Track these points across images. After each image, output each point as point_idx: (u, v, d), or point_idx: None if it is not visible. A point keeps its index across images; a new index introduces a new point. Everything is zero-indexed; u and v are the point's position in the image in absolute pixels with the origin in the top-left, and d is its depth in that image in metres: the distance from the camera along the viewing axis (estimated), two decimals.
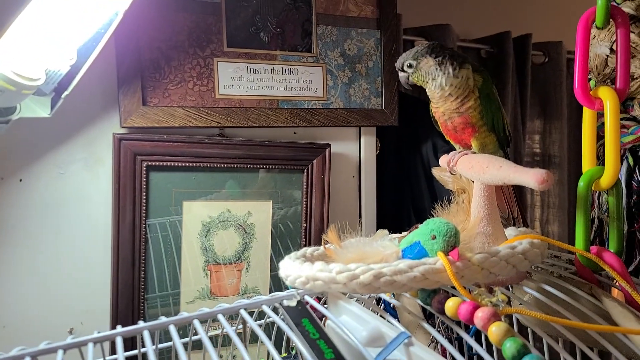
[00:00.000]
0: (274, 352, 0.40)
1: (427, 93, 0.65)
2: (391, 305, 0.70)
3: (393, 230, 0.62)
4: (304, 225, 1.00)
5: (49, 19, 0.65)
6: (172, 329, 0.48)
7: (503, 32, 1.35)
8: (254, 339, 0.89)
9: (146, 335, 0.46)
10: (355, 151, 1.08)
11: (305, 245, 0.99)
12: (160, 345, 0.55)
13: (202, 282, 0.94)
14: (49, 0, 0.61)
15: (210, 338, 0.46)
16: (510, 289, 0.68)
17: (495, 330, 0.41)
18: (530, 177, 0.48)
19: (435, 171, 0.69)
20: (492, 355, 0.53)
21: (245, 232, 0.96)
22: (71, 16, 0.68)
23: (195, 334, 0.48)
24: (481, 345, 0.43)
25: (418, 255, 0.50)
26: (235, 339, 0.42)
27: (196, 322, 0.49)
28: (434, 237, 0.49)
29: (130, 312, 0.87)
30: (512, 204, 0.70)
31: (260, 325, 0.57)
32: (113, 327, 0.85)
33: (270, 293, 0.76)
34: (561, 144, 1.52)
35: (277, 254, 0.99)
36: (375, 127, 1.08)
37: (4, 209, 0.83)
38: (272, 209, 0.98)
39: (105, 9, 0.69)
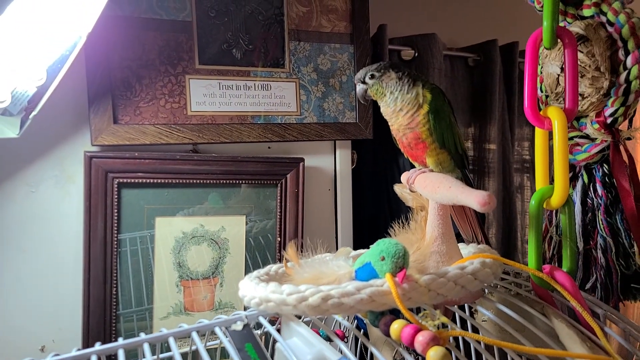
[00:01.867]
0: None
1: (381, 109, 0.66)
2: (364, 321, 0.71)
3: (371, 242, 0.63)
4: (278, 239, 1.00)
5: (13, 43, 0.66)
6: (146, 347, 0.49)
7: (489, 40, 1.36)
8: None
9: (120, 353, 0.47)
10: (331, 165, 1.09)
11: (279, 260, 1.00)
12: None
13: (176, 298, 0.94)
14: (12, 25, 0.62)
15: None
16: (470, 309, 0.68)
17: (432, 355, 0.41)
18: (473, 199, 0.48)
19: (397, 188, 0.69)
20: None
21: (219, 247, 0.97)
22: (36, 39, 0.68)
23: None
24: None
25: (369, 276, 0.51)
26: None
27: (171, 340, 0.49)
28: (383, 259, 0.49)
29: (102, 328, 0.88)
30: (476, 228, 0.71)
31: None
32: (85, 344, 0.86)
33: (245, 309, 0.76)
34: (551, 150, 1.52)
35: (252, 269, 0.99)
36: (351, 141, 1.09)
37: None
38: (246, 224, 0.99)
39: (69, 33, 0.69)
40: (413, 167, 1.13)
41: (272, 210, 1.00)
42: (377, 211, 1.19)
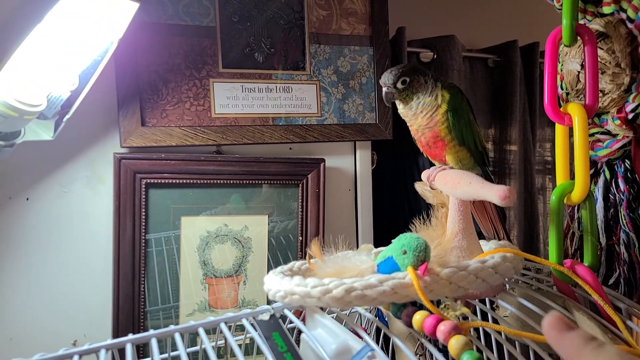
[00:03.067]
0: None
1: (401, 111, 0.66)
2: (384, 317, 0.72)
3: (391, 242, 0.64)
4: (300, 238, 1.02)
5: (49, 49, 0.69)
6: (178, 337, 0.51)
7: (510, 41, 1.35)
8: (260, 350, 0.91)
9: (153, 342, 0.49)
10: (351, 165, 1.10)
11: (301, 258, 1.02)
12: (162, 356, 0.58)
13: (201, 295, 0.96)
14: (49, 31, 0.66)
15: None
16: (491, 304, 0.69)
17: (454, 344, 0.42)
18: (493, 193, 0.49)
19: (417, 185, 0.70)
20: None
21: (243, 246, 0.99)
22: (71, 45, 0.72)
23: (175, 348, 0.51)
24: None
25: (391, 269, 0.52)
26: (237, 350, 0.44)
27: (201, 331, 0.52)
28: (405, 252, 0.51)
29: (131, 324, 0.90)
30: (497, 225, 0.71)
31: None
32: (115, 338, 0.89)
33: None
34: (572, 151, 1.51)
35: (276, 267, 1.01)
36: (371, 141, 1.11)
37: (12, 226, 0.87)
38: (268, 223, 1.01)
39: (101, 39, 0.73)
40: (432, 166, 1.14)
41: (293, 210, 1.02)
42: (396, 211, 1.20)
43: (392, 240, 0.54)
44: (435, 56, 1.23)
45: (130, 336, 0.51)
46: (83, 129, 0.90)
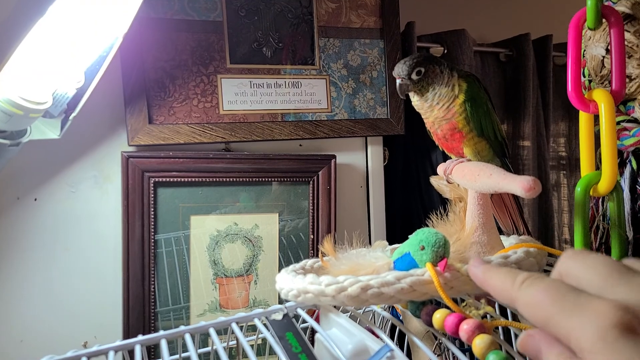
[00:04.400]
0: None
1: (415, 103, 0.64)
2: (400, 317, 0.70)
3: (405, 239, 0.61)
4: (311, 236, 1.00)
5: (53, 44, 0.68)
6: (188, 338, 0.49)
7: (522, 34, 1.33)
8: (272, 351, 0.89)
9: (163, 343, 0.47)
10: (363, 161, 1.08)
11: (313, 257, 0.99)
12: (173, 357, 0.56)
13: (212, 295, 0.95)
14: (52, 25, 0.64)
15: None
16: None
17: (478, 343, 0.40)
18: (517, 185, 0.47)
19: (433, 180, 0.68)
20: None
21: (253, 245, 0.97)
22: (75, 41, 0.70)
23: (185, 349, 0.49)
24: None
25: (408, 266, 0.50)
26: (249, 351, 0.42)
27: (212, 331, 0.50)
28: (423, 248, 0.48)
29: (142, 325, 0.89)
30: (517, 220, 0.68)
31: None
32: (126, 339, 0.88)
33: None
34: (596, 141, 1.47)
35: (287, 266, 0.99)
36: (382, 137, 1.08)
37: (20, 227, 0.86)
38: (279, 221, 0.99)
39: (106, 34, 0.71)
40: (447, 160, 1.12)
41: (304, 208, 1.00)
42: (409, 208, 1.18)
43: (409, 236, 0.52)
44: (445, 51, 1.21)
45: (140, 337, 0.49)
46: (90, 128, 0.89)
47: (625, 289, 0.25)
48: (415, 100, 0.64)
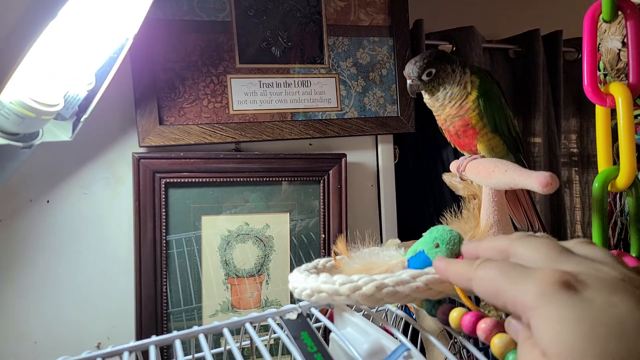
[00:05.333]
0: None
1: (427, 100, 0.63)
2: (413, 316, 0.69)
3: (416, 238, 0.61)
4: (323, 235, 0.99)
5: (64, 46, 0.68)
6: (202, 338, 0.49)
7: (531, 30, 1.31)
8: (285, 351, 0.89)
9: (177, 343, 0.47)
10: (373, 160, 1.07)
11: (324, 256, 0.99)
12: (186, 357, 0.56)
13: (223, 296, 0.95)
14: (63, 27, 0.64)
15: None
16: None
17: (497, 342, 0.39)
18: (534, 180, 0.46)
19: (445, 177, 0.67)
20: None
21: (264, 245, 0.97)
22: (86, 42, 0.70)
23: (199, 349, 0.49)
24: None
25: (423, 264, 0.49)
26: (264, 351, 0.42)
27: (225, 331, 0.49)
28: (437, 246, 0.48)
29: (154, 326, 0.89)
30: (532, 216, 0.67)
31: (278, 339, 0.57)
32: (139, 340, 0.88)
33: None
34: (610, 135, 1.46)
35: (298, 266, 0.98)
36: (393, 135, 1.07)
37: (33, 229, 0.87)
38: (290, 221, 0.98)
39: (116, 35, 0.71)
40: (458, 158, 1.11)
41: (315, 208, 1.00)
42: (421, 206, 1.17)
43: (423, 234, 0.51)
44: (454, 48, 1.20)
45: (154, 338, 0.49)
46: (101, 129, 0.89)
47: (564, 265, 0.28)
48: (426, 97, 0.64)
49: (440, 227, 0.49)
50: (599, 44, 0.61)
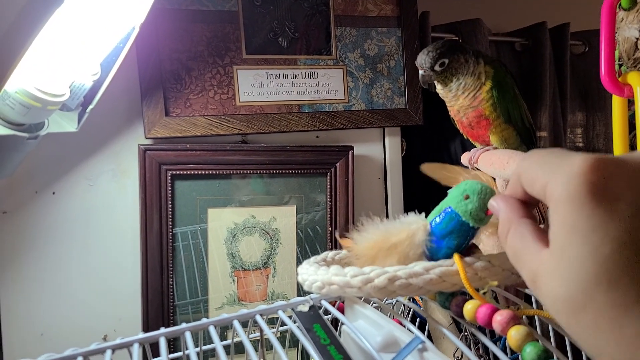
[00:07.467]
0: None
1: (439, 91, 0.62)
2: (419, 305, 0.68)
3: None
4: (329, 229, 0.99)
5: (70, 35, 0.67)
6: (212, 330, 0.48)
7: (538, 23, 1.30)
8: (293, 343, 0.89)
9: (187, 335, 0.47)
10: (380, 152, 1.06)
11: (331, 249, 0.98)
12: (195, 349, 0.56)
13: (230, 288, 0.94)
14: (68, 17, 0.63)
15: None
16: None
17: (514, 335, 0.38)
18: None
19: (425, 167, 0.64)
20: None
21: (271, 238, 0.96)
22: (92, 31, 0.70)
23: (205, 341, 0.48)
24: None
25: (449, 224, 0.45)
26: (275, 343, 0.41)
27: (236, 323, 0.49)
28: (467, 197, 0.43)
29: (160, 318, 0.89)
30: (544, 208, 0.66)
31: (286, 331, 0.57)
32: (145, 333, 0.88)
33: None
34: (606, 136, 1.45)
35: (304, 259, 0.98)
36: (400, 127, 1.06)
37: (39, 221, 0.86)
38: (296, 214, 0.98)
39: (122, 24, 0.70)
40: (465, 151, 1.10)
41: (321, 200, 0.99)
42: (428, 199, 1.16)
43: (448, 191, 0.48)
44: (460, 41, 1.18)
45: (163, 330, 0.48)
46: (107, 120, 0.88)
47: None
48: (439, 88, 0.63)
49: (468, 180, 0.47)
50: (616, 32, 0.59)
